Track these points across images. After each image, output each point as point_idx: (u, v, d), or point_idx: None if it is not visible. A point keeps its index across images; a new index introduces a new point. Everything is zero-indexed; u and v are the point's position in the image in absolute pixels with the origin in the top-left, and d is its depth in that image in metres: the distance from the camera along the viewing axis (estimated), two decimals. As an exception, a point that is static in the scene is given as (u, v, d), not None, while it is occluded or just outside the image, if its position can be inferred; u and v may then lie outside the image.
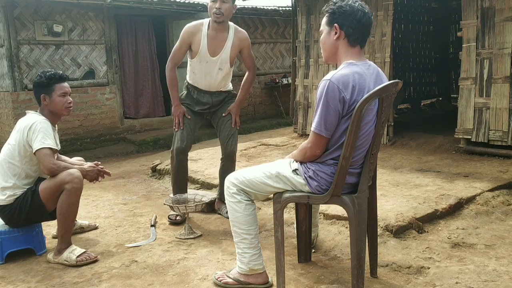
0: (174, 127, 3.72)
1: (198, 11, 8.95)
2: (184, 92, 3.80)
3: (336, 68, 2.29)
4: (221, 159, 3.85)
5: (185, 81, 3.80)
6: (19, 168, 3.04)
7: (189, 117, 3.70)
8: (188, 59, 3.68)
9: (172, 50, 3.68)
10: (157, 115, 9.38)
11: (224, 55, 3.59)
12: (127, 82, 9.01)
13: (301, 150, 2.34)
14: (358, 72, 2.21)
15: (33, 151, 2.96)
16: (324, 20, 2.35)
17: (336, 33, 2.28)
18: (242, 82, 3.86)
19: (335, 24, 2.27)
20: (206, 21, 3.60)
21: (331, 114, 2.16)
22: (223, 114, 3.77)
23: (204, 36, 3.54)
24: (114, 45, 8.61)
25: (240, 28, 3.70)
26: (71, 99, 3.19)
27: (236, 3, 3.61)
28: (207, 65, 3.59)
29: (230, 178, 2.50)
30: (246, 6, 9.79)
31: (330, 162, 2.27)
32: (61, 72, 3.21)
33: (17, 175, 3.04)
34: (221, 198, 3.88)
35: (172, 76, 3.68)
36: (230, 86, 3.85)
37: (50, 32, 7.77)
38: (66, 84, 3.17)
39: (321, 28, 2.38)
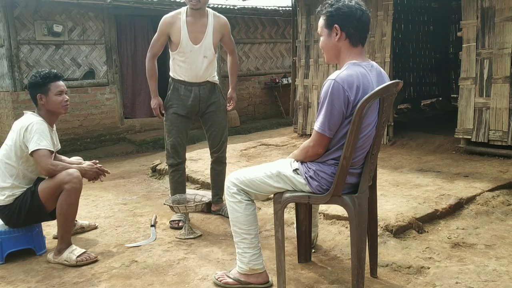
0: (164, 121, 3.67)
1: (198, 11, 8.95)
2: (169, 91, 3.65)
3: (337, 68, 2.30)
4: (212, 163, 3.84)
5: (169, 79, 3.67)
6: (16, 169, 3.03)
7: (163, 111, 3.64)
8: (170, 53, 3.59)
9: (151, 41, 3.62)
10: (153, 115, 9.34)
11: (207, 42, 3.51)
12: (124, 82, 9.00)
13: (302, 149, 2.34)
14: (362, 72, 2.21)
15: (29, 152, 2.95)
16: (321, 22, 2.33)
17: (337, 34, 2.27)
18: (229, 68, 3.87)
19: (335, 25, 2.26)
20: (183, 9, 3.53)
21: (335, 114, 2.16)
22: (228, 107, 3.81)
23: (183, 24, 3.46)
24: (114, 45, 8.61)
25: (218, 14, 3.63)
26: (67, 97, 3.18)
27: (234, 2, 3.57)
28: (191, 54, 3.49)
29: (230, 178, 2.50)
30: (246, 6, 9.79)
31: (331, 162, 2.27)
32: (55, 70, 3.20)
33: (14, 175, 3.04)
34: (217, 202, 3.87)
35: (150, 66, 3.62)
36: (216, 78, 3.74)
37: (50, 32, 7.77)
38: (61, 82, 3.15)
39: (319, 31, 2.36)
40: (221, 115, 3.74)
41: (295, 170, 2.35)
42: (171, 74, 3.66)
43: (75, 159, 3.45)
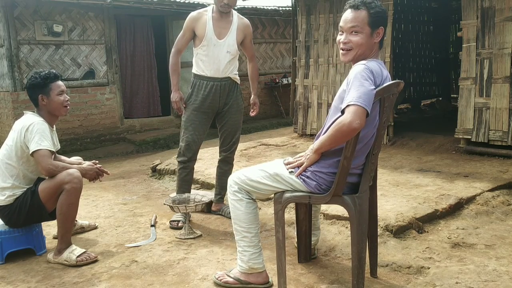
0: (182, 117, 3.70)
1: (198, 11, 8.96)
2: (190, 89, 3.68)
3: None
4: (219, 161, 3.86)
5: (191, 79, 3.71)
6: (17, 169, 3.03)
7: (184, 105, 3.66)
8: (194, 50, 3.66)
9: (177, 37, 3.69)
10: (151, 115, 9.37)
11: (231, 38, 3.59)
12: (123, 82, 9.00)
13: (334, 130, 2.11)
14: (380, 69, 2.26)
15: (30, 153, 2.95)
16: (363, 18, 2.23)
17: (378, 36, 2.28)
18: (250, 74, 3.93)
19: (382, 27, 2.28)
20: (210, 8, 3.64)
21: (367, 88, 2.10)
22: (251, 113, 3.90)
23: (209, 19, 3.55)
24: (114, 45, 8.61)
25: (242, 16, 3.75)
26: (68, 97, 3.20)
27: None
28: (215, 48, 3.55)
29: (232, 177, 2.51)
30: (246, 6, 9.78)
31: (329, 162, 2.27)
32: (54, 70, 3.22)
33: (14, 175, 3.04)
34: (217, 202, 3.89)
35: (174, 61, 3.67)
36: (237, 77, 3.77)
37: (50, 32, 7.77)
38: (61, 82, 3.17)
39: (359, 27, 2.23)
40: (236, 116, 3.77)
41: (292, 172, 2.35)
42: (193, 71, 3.71)
43: (75, 159, 3.45)
